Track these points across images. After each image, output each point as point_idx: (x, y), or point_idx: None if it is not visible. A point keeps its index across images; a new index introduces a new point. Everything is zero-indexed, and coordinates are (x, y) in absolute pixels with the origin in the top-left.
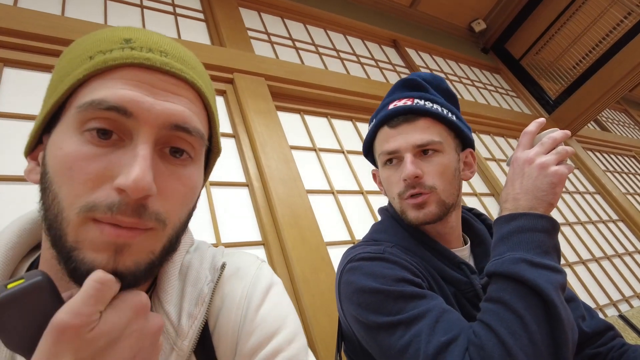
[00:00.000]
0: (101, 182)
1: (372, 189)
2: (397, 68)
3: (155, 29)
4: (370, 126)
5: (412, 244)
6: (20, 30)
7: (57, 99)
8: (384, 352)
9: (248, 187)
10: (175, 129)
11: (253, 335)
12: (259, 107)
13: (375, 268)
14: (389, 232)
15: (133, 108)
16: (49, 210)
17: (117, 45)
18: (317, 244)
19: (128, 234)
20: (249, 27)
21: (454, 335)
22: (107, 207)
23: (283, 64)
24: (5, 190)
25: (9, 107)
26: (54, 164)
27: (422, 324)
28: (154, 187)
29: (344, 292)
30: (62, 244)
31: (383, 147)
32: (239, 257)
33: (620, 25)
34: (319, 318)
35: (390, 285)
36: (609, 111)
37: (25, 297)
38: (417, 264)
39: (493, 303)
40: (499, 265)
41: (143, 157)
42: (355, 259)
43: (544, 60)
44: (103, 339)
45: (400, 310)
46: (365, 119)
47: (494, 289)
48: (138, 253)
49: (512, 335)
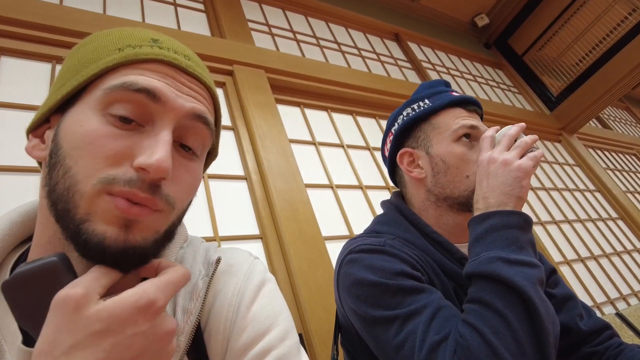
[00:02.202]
0: (121, 159)
1: (371, 184)
2: (399, 62)
3: (154, 19)
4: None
5: (415, 236)
6: (18, 19)
7: (81, 82)
8: (381, 347)
9: (246, 181)
10: (196, 119)
11: (245, 333)
12: (259, 99)
13: (374, 260)
14: (391, 224)
15: (161, 94)
16: (57, 184)
17: (146, 42)
18: (315, 239)
19: (140, 211)
20: (250, 19)
21: (445, 334)
22: (126, 181)
23: (283, 56)
24: (2, 180)
25: (7, 96)
26: (72, 139)
27: (418, 320)
28: (171, 171)
29: (342, 284)
30: (72, 216)
31: (462, 122)
32: (232, 253)
33: (625, 22)
34: (315, 312)
35: (389, 278)
36: (611, 109)
37: (38, 276)
38: (417, 257)
39: (475, 304)
40: (476, 265)
41: (167, 142)
42: (355, 250)
43: (546, 57)
44: (99, 324)
45: (398, 305)
46: (366, 113)
47: (474, 290)
48: (146, 230)
49: (496, 334)
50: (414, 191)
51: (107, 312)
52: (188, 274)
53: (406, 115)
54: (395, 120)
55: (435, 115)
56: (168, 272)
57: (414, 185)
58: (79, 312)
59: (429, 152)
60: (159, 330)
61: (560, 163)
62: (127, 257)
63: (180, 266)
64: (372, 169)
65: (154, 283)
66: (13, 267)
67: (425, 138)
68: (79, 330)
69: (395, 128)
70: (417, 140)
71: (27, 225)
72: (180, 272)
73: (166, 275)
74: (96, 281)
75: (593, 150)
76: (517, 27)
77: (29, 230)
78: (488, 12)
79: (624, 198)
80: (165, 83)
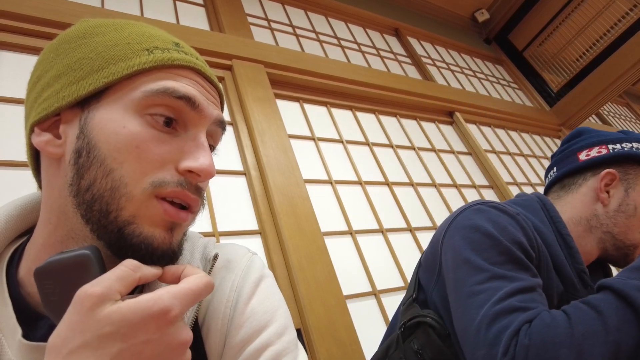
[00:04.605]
0: (165, 163)
1: (370, 179)
2: (399, 57)
3: (153, 13)
4: None
5: (548, 229)
6: (17, 12)
7: (112, 80)
8: (457, 287)
9: (245, 176)
10: (219, 125)
11: (242, 329)
12: (258, 94)
13: (501, 220)
14: (528, 209)
15: (199, 102)
16: (93, 184)
17: (171, 46)
18: (314, 234)
19: (184, 216)
20: (249, 13)
21: (527, 306)
22: (177, 183)
23: (283, 51)
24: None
25: (5, 91)
26: (114, 140)
27: (506, 284)
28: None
29: (458, 222)
30: (112, 218)
31: None
32: (230, 249)
33: (626, 17)
34: (314, 307)
35: (505, 239)
36: (611, 105)
37: (69, 267)
38: (540, 245)
39: (585, 304)
40: (620, 283)
41: (207, 147)
42: (488, 204)
43: (547, 52)
44: (109, 326)
45: (497, 263)
46: (366, 109)
47: (597, 297)
48: (181, 233)
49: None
50: (579, 205)
51: (119, 316)
52: (211, 284)
53: (636, 149)
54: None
55: None
56: (190, 281)
57: (586, 201)
58: (92, 311)
59: (627, 191)
60: (172, 340)
61: None
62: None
63: (204, 274)
64: (372, 164)
65: (171, 291)
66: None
67: (633, 179)
68: (88, 331)
69: (619, 148)
70: (626, 174)
71: (24, 219)
72: (203, 281)
73: (187, 284)
74: (119, 281)
75: None
76: (518, 22)
77: (26, 224)
78: (488, 8)
79: None
80: (198, 90)
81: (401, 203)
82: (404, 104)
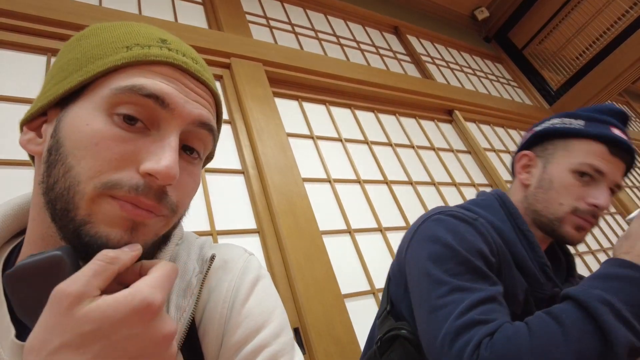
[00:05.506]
0: (125, 164)
1: (369, 178)
2: (398, 55)
3: (151, 10)
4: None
5: (508, 228)
6: (13, 10)
7: (87, 78)
8: (421, 302)
9: (244, 175)
10: (201, 126)
11: (239, 329)
12: (256, 93)
13: (460, 229)
14: (488, 209)
15: (170, 100)
16: (56, 182)
17: (155, 42)
18: (313, 233)
19: (147, 214)
20: (248, 11)
21: (489, 319)
22: (132, 187)
23: (281, 49)
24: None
25: (1, 89)
26: (77, 138)
27: (466, 296)
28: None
29: (419, 234)
30: (71, 217)
31: (591, 161)
32: (227, 249)
33: (625, 16)
34: (312, 306)
35: (464, 249)
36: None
37: (41, 269)
38: (499, 247)
39: (548, 315)
40: (585, 293)
41: (174, 148)
42: (446, 213)
43: (546, 51)
44: (89, 325)
45: (457, 274)
46: (365, 107)
47: (560, 308)
48: (148, 233)
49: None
50: (515, 190)
51: (99, 314)
52: (176, 267)
53: (553, 125)
54: (547, 120)
55: (576, 139)
56: (157, 269)
57: (517, 186)
58: (70, 311)
59: (545, 166)
60: (155, 333)
61: None
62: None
63: (165, 261)
64: (370, 163)
65: (147, 282)
66: (5, 261)
67: (551, 153)
68: (68, 330)
69: (538, 129)
70: (544, 150)
71: (20, 218)
72: (169, 266)
73: (157, 272)
74: (96, 276)
75: None
76: (518, 20)
77: (23, 223)
78: (488, 6)
79: (622, 193)
80: (173, 88)
81: (400, 202)
82: (403, 102)
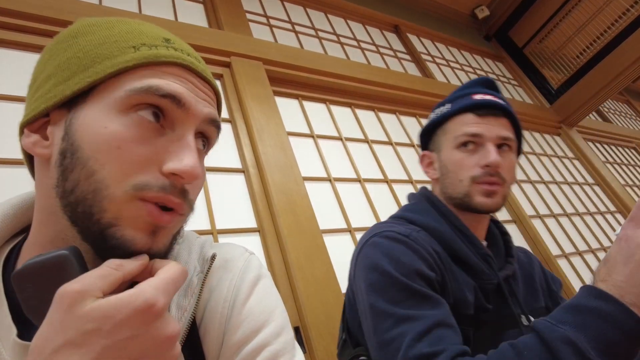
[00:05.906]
0: (149, 165)
1: (369, 177)
2: (399, 54)
3: (151, 9)
4: (444, 110)
5: (444, 227)
6: (12, 9)
7: (96, 79)
8: (371, 335)
9: (244, 174)
10: (210, 123)
11: (240, 329)
12: (256, 91)
13: (395, 250)
14: (422, 213)
15: (185, 100)
16: (77, 186)
17: (160, 42)
18: (313, 232)
19: (168, 218)
20: (248, 10)
21: (439, 349)
22: (160, 187)
23: (281, 48)
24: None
25: (2, 88)
26: (96, 141)
27: (411, 326)
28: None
29: (360, 263)
30: (95, 220)
31: (464, 130)
32: (228, 249)
33: (626, 14)
34: (313, 304)
35: (401, 273)
36: (611, 102)
37: (48, 268)
38: (438, 255)
39: (512, 348)
40: (551, 330)
41: (194, 147)
42: (380, 235)
43: (547, 49)
44: (90, 323)
45: (399, 302)
46: (365, 106)
47: (525, 342)
48: (167, 235)
49: None
50: (434, 187)
51: (101, 312)
52: (185, 271)
53: (430, 119)
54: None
55: (448, 121)
56: (165, 271)
57: (432, 183)
58: (72, 308)
59: (439, 156)
60: (158, 334)
61: (560, 156)
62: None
63: (175, 263)
64: (371, 162)
65: (152, 283)
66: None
67: (438, 143)
68: (70, 328)
69: (422, 129)
70: (434, 143)
71: (20, 218)
72: (178, 269)
73: (164, 274)
74: (101, 279)
75: (592, 144)
76: (518, 19)
77: (22, 223)
78: (488, 4)
79: (622, 192)
80: (185, 88)
81: (400, 201)
82: (403, 101)
